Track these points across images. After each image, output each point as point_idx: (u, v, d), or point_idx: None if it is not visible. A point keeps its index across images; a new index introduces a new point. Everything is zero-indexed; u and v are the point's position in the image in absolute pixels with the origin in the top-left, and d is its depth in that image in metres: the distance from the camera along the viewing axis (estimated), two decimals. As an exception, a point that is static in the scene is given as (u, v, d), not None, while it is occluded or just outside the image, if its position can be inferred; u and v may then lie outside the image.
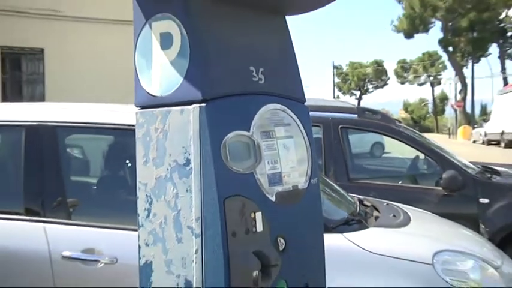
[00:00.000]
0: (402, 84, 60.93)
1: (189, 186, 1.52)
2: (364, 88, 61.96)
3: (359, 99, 60.98)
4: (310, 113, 1.85)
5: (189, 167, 1.52)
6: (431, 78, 57.21)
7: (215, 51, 1.57)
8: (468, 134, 35.51)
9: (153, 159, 1.59)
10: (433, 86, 57.79)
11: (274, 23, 1.80)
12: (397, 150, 5.55)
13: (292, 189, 1.70)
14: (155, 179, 1.58)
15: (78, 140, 3.76)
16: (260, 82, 1.67)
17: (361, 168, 5.42)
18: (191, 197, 1.51)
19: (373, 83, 62.11)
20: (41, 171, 2.89)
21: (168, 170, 1.56)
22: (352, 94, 62.46)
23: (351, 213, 3.08)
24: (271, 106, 1.68)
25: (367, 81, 61.81)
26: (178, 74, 1.54)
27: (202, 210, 1.50)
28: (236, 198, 1.52)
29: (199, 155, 1.51)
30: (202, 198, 1.50)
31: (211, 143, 1.50)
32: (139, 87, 1.62)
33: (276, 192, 1.63)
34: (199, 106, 1.51)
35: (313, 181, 1.78)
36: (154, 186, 1.58)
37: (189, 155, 1.52)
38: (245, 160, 1.57)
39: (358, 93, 61.85)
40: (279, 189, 1.65)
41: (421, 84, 59.01)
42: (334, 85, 59.40)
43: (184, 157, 1.53)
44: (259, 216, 1.56)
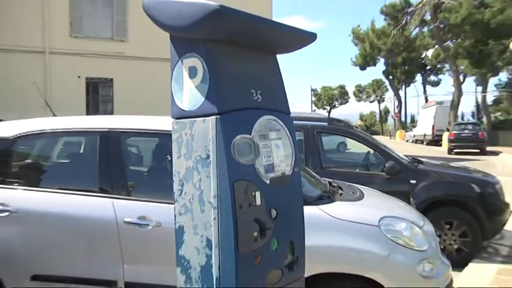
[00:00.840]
0: (359, 102, 60.92)
1: (209, 173, 1.50)
2: (332, 104, 61.74)
3: (329, 112, 60.72)
4: (294, 121, 1.82)
5: (209, 160, 1.50)
6: (378, 97, 57.21)
7: (226, 79, 1.55)
8: (403, 135, 35.55)
9: (184, 155, 1.57)
10: (379, 102, 57.70)
11: (268, 59, 1.78)
12: (355, 147, 5.50)
13: (281, 175, 1.68)
14: (185, 168, 1.56)
15: (135, 141, 3.73)
16: (258, 100, 1.65)
17: (331, 160, 5.35)
18: (210, 181, 1.49)
19: (339, 100, 61.91)
20: (110, 163, 2.87)
21: (194, 162, 1.54)
22: (324, 108, 62.22)
23: (323, 191, 3.05)
24: (266, 117, 1.66)
25: (334, 100, 61.59)
26: (201, 95, 1.52)
27: (218, 190, 1.48)
28: (242, 182, 1.50)
29: (216, 151, 1.49)
30: (218, 182, 1.48)
31: (224, 143, 1.49)
32: (174, 104, 1.60)
33: (270, 177, 1.61)
34: (216, 117, 1.49)
35: (296, 169, 1.76)
36: (185, 173, 1.56)
37: (209, 151, 1.50)
38: (248, 155, 1.55)
39: (328, 108, 61.67)
40: (272, 175, 1.63)
41: (371, 102, 58.97)
42: (311, 102, 59.31)
43: (205, 153, 1.51)
44: (258, 194, 1.55)
